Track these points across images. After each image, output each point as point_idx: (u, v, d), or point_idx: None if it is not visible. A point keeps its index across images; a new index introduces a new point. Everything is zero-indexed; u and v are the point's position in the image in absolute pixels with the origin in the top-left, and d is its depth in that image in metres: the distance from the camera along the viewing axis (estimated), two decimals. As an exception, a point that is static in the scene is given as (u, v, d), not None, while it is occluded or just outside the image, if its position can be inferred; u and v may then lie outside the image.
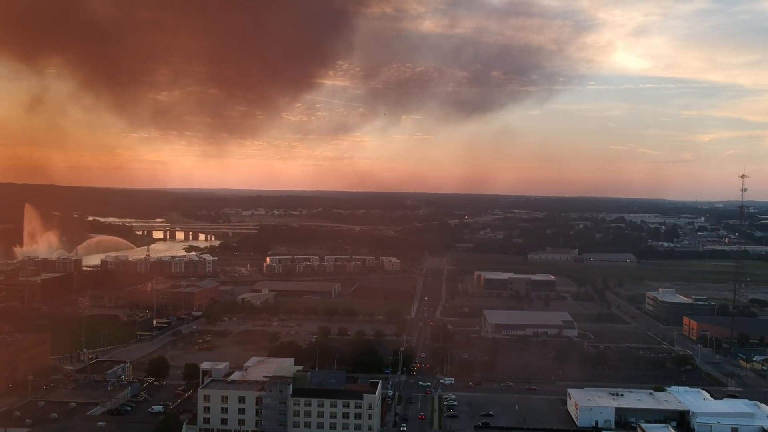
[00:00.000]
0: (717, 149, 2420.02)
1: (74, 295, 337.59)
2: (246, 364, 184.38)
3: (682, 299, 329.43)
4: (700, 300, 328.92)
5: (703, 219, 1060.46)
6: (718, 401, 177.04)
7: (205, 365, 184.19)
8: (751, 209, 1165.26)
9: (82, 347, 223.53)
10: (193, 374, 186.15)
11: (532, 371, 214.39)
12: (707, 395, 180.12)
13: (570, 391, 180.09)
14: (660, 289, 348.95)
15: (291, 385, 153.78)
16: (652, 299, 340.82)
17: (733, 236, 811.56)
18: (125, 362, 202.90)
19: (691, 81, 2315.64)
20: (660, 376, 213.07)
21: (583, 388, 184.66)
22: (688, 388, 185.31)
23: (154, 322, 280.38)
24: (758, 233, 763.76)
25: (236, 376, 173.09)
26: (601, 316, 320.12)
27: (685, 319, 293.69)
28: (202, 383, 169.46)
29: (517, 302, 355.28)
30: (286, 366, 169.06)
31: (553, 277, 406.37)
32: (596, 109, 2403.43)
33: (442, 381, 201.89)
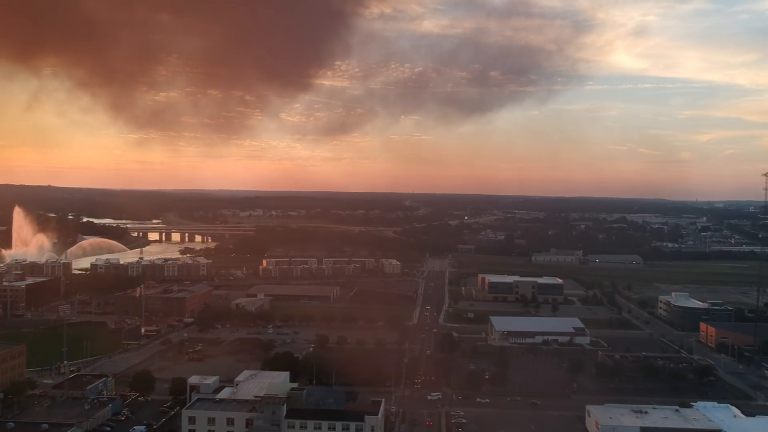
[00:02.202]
0: (716, 149, 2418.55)
1: (61, 301, 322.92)
2: (237, 378, 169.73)
3: (697, 304, 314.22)
4: (717, 304, 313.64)
5: (705, 219, 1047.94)
6: (750, 419, 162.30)
7: (193, 379, 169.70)
8: (751, 209, 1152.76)
9: (62, 359, 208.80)
10: (180, 389, 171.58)
11: (545, 384, 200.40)
12: (738, 411, 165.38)
13: (589, 407, 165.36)
14: (673, 293, 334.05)
15: (284, 406, 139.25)
16: (665, 303, 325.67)
17: (738, 236, 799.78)
18: (107, 376, 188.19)
19: (689, 81, 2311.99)
20: (681, 388, 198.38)
21: (600, 402, 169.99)
22: (716, 403, 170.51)
23: (143, 330, 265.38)
24: (761, 234, 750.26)
25: (226, 391, 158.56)
26: (612, 322, 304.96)
27: (702, 325, 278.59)
28: (190, 399, 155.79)
29: (523, 307, 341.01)
30: (279, 382, 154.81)
31: (560, 279, 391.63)
32: (595, 109, 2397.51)
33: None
